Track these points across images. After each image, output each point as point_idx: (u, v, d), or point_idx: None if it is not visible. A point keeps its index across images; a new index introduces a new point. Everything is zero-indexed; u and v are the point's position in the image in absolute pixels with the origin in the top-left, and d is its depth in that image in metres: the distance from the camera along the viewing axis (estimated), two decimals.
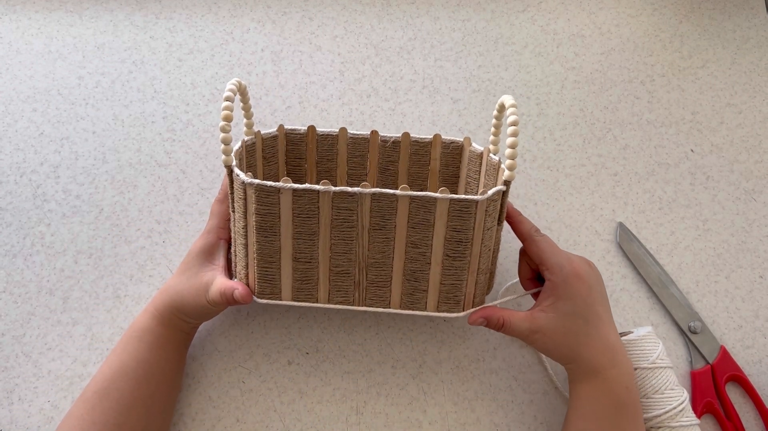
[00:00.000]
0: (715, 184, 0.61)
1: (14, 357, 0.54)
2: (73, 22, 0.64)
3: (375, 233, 0.44)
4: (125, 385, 0.45)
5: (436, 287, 0.45)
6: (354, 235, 0.44)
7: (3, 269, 0.56)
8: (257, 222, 0.44)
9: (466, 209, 0.43)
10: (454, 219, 0.43)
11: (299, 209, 0.43)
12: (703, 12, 0.68)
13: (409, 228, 0.44)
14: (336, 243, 0.44)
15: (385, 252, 0.44)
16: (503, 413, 0.53)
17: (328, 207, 0.43)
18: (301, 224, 0.43)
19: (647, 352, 0.50)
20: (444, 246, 0.44)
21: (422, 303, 0.46)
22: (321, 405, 0.53)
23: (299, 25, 0.65)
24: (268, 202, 0.43)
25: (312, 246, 0.44)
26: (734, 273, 0.58)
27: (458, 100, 0.63)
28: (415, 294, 0.45)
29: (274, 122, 0.61)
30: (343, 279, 0.45)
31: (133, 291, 0.56)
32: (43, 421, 0.52)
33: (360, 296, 0.46)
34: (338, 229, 0.44)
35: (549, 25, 0.67)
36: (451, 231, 0.43)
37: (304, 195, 0.42)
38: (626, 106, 0.64)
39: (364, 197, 0.43)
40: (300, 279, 0.45)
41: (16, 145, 0.60)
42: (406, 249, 0.44)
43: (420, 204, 0.43)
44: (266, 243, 0.44)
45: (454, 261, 0.44)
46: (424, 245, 0.44)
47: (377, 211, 0.43)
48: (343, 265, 0.45)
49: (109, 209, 0.58)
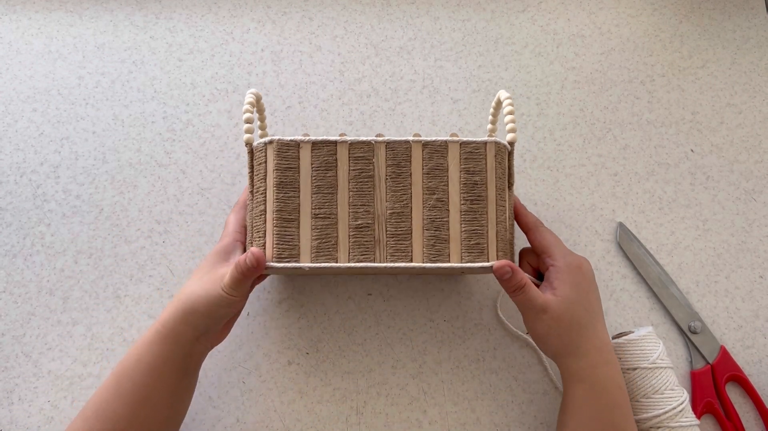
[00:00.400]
0: (715, 184, 0.61)
1: (14, 357, 0.54)
2: (73, 22, 0.64)
3: (392, 182, 0.45)
4: (121, 408, 0.43)
5: (458, 235, 0.45)
6: (372, 186, 0.45)
7: (3, 269, 0.56)
8: (276, 178, 0.44)
9: (477, 151, 0.45)
10: (466, 162, 0.45)
11: (318, 162, 0.45)
12: (703, 12, 0.68)
13: (424, 174, 0.45)
14: (354, 195, 0.45)
15: (403, 201, 0.45)
16: (503, 413, 0.53)
17: (346, 158, 0.45)
18: (320, 178, 0.45)
19: (647, 352, 0.50)
20: (460, 191, 0.45)
21: (445, 255, 0.45)
22: (321, 405, 0.53)
23: (299, 25, 0.65)
24: (288, 157, 0.45)
25: (331, 201, 0.45)
26: (734, 273, 0.58)
27: (458, 100, 0.63)
28: (437, 246, 0.45)
29: (274, 122, 0.61)
30: (363, 235, 0.45)
31: (133, 291, 0.56)
32: (43, 421, 0.52)
33: (381, 253, 0.45)
34: (356, 181, 0.45)
35: (549, 25, 0.67)
36: (465, 174, 0.45)
37: (322, 147, 0.45)
38: (626, 106, 0.64)
39: (379, 146, 0.45)
40: (319, 238, 0.45)
41: (16, 145, 0.60)
42: (424, 197, 0.45)
43: (433, 149, 0.45)
44: (285, 200, 0.45)
45: (471, 204, 0.45)
46: (441, 190, 0.45)
47: (392, 159, 0.45)
48: (362, 218, 0.45)
49: (109, 209, 0.58)
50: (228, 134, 0.61)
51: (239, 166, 0.60)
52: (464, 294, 0.57)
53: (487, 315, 0.56)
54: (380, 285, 0.57)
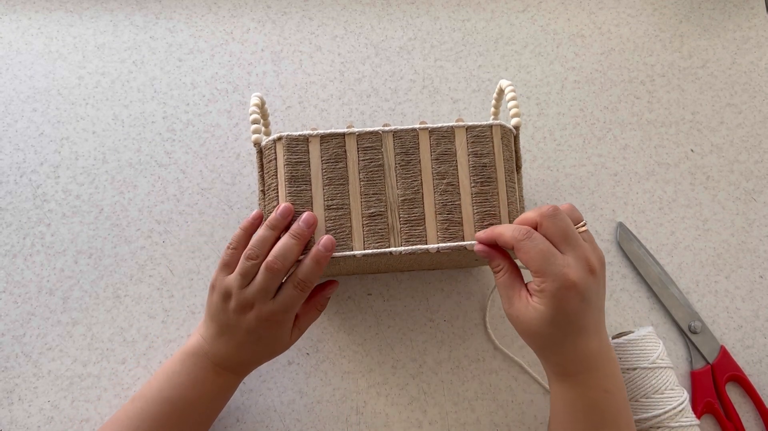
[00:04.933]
0: (715, 184, 0.61)
1: (14, 357, 0.54)
2: (73, 22, 0.64)
3: (401, 170, 0.46)
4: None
5: (470, 217, 0.45)
6: (382, 175, 0.45)
7: (3, 269, 0.56)
8: (288, 173, 0.45)
9: (483, 134, 0.46)
10: (473, 146, 0.46)
11: (327, 155, 0.45)
12: (703, 12, 0.68)
13: (432, 160, 0.46)
14: (366, 185, 0.45)
15: (414, 187, 0.45)
16: (503, 413, 0.53)
17: (354, 149, 0.45)
18: (331, 170, 0.45)
19: (647, 352, 0.50)
20: (469, 174, 0.45)
21: (459, 237, 0.45)
22: (321, 405, 0.53)
23: (299, 25, 0.65)
24: (297, 151, 0.45)
25: (343, 192, 0.45)
26: (734, 273, 0.58)
27: (458, 100, 0.63)
28: (450, 229, 0.45)
29: (274, 122, 0.61)
30: (377, 223, 0.45)
31: (133, 291, 0.56)
32: (43, 421, 0.52)
33: (396, 240, 0.45)
34: (366, 171, 0.45)
35: (549, 25, 0.67)
36: (474, 158, 0.45)
37: (331, 140, 0.45)
38: (626, 106, 0.64)
39: (386, 135, 0.46)
40: (333, 229, 0.45)
41: (16, 145, 0.60)
42: (434, 182, 0.45)
43: (440, 135, 0.46)
44: (298, 193, 0.45)
45: (482, 187, 0.45)
46: (451, 175, 0.46)
47: (400, 148, 0.46)
48: (374, 207, 0.45)
49: (109, 209, 0.58)
50: (228, 134, 0.61)
51: (239, 166, 0.60)
52: (464, 294, 0.57)
53: (487, 315, 0.56)
54: (380, 285, 0.57)
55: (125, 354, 0.54)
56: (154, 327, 0.55)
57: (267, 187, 0.47)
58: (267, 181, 0.47)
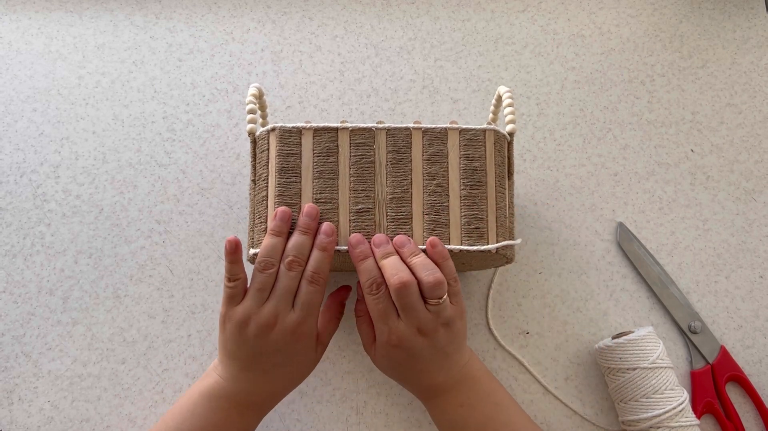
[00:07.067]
0: (715, 184, 0.61)
1: (14, 357, 0.54)
2: (73, 22, 0.64)
3: (392, 168, 0.46)
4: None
5: (458, 219, 0.45)
6: (372, 172, 0.45)
7: (3, 269, 0.56)
8: (278, 164, 0.45)
9: (476, 138, 0.46)
10: (465, 149, 0.46)
11: (319, 148, 0.45)
12: (703, 12, 0.68)
13: (424, 161, 0.46)
14: (355, 181, 0.45)
15: (404, 186, 0.45)
16: None
17: (347, 145, 0.45)
18: (322, 163, 0.45)
19: (647, 352, 0.50)
20: (460, 176, 0.45)
21: (445, 239, 0.45)
22: (321, 405, 0.53)
23: (299, 25, 0.65)
24: (290, 143, 0.45)
25: (332, 186, 0.45)
26: (734, 273, 0.58)
27: (458, 100, 0.63)
28: (436, 230, 0.45)
29: (274, 122, 0.61)
30: (364, 219, 0.45)
31: (133, 291, 0.56)
32: (43, 421, 0.52)
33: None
34: (357, 166, 0.45)
35: (549, 25, 0.67)
36: (465, 161, 0.45)
37: (324, 134, 0.45)
38: (626, 106, 0.64)
39: (380, 133, 0.46)
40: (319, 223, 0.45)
41: (16, 145, 0.60)
42: (424, 182, 0.45)
43: (433, 136, 0.46)
44: (287, 185, 0.45)
45: (471, 190, 0.45)
46: (441, 176, 0.45)
47: (393, 146, 0.46)
48: (363, 203, 0.45)
49: (109, 209, 0.58)
50: (228, 134, 0.61)
51: (239, 166, 0.60)
52: (464, 294, 0.57)
53: (487, 315, 0.56)
54: None
55: (125, 354, 0.54)
56: (154, 327, 0.55)
57: (258, 176, 0.47)
58: (258, 170, 0.47)
